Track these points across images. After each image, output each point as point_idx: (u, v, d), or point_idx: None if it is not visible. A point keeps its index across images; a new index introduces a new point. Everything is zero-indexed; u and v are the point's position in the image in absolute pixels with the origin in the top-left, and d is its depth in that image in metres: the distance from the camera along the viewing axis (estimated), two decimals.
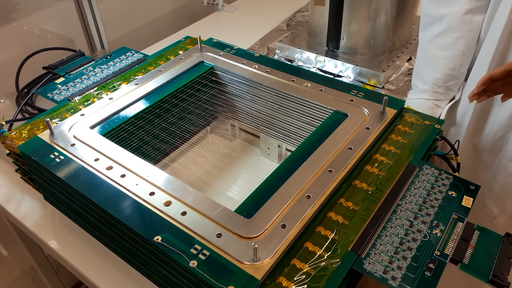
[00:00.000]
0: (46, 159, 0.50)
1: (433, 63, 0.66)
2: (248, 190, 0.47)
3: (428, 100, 0.67)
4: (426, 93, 0.67)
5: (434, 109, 0.67)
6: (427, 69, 0.67)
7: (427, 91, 0.67)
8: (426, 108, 0.67)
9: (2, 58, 0.89)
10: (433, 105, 0.67)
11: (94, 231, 0.52)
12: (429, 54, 0.67)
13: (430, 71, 0.67)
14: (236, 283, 0.36)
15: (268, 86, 0.62)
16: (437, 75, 0.66)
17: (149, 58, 0.72)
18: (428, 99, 0.67)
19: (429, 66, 0.67)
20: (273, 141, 0.66)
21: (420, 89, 0.68)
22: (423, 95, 0.68)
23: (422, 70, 0.68)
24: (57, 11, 0.96)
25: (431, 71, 0.66)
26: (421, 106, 0.67)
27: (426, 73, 0.67)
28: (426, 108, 0.67)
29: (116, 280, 0.50)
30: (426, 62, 0.67)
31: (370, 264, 0.39)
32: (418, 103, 0.68)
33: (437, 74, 0.66)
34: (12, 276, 1.12)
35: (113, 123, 0.57)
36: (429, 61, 0.67)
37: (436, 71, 0.66)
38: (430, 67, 0.67)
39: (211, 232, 0.41)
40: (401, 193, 0.46)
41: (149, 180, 0.46)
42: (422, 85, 0.68)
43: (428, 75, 0.67)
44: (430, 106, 0.67)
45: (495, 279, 0.38)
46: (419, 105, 0.68)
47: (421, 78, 0.68)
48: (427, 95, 0.67)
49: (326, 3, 0.85)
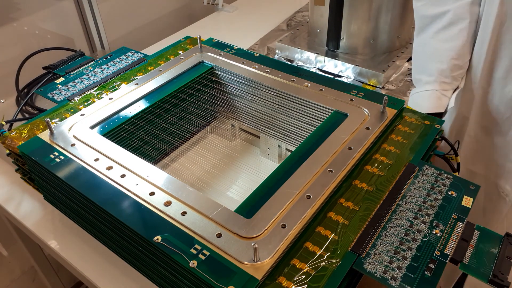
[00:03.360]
0: (46, 159, 0.50)
1: (437, 55, 0.67)
2: (248, 190, 0.47)
3: (436, 91, 0.67)
4: (433, 84, 0.67)
5: (441, 98, 0.67)
6: (431, 62, 0.68)
7: (434, 82, 0.67)
8: (433, 99, 0.67)
9: (2, 58, 0.89)
10: (440, 95, 0.67)
11: (94, 231, 0.52)
12: (431, 48, 0.67)
13: (435, 64, 0.67)
14: (236, 283, 0.36)
15: (268, 86, 0.62)
16: (443, 66, 0.66)
17: (149, 58, 0.72)
18: (436, 90, 0.67)
19: (434, 59, 0.67)
20: (273, 141, 0.66)
21: (426, 82, 0.69)
22: (430, 86, 0.68)
23: (425, 65, 0.69)
24: (57, 11, 0.96)
25: (436, 64, 0.67)
26: (429, 97, 0.67)
27: (431, 66, 0.68)
28: (433, 99, 0.67)
29: (116, 280, 0.50)
30: (430, 56, 0.68)
31: (370, 264, 0.39)
32: (426, 94, 0.68)
33: (443, 65, 0.66)
34: (12, 276, 1.12)
35: (113, 123, 0.57)
36: (433, 54, 0.67)
37: (441, 63, 0.66)
38: (434, 60, 0.67)
39: (211, 232, 0.41)
40: (401, 193, 0.46)
41: (149, 180, 0.46)
42: (427, 78, 0.68)
43: (433, 67, 0.67)
44: (437, 96, 0.67)
45: (495, 279, 0.38)
46: (426, 96, 0.68)
47: (425, 72, 0.69)
48: (435, 86, 0.67)
49: (326, 3, 0.85)
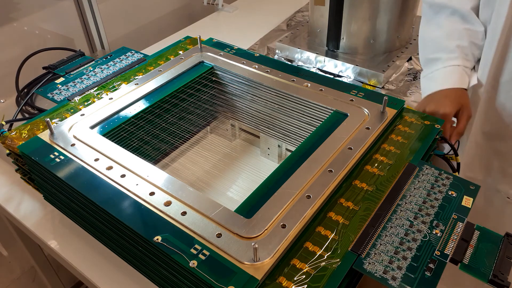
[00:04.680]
0: (46, 159, 0.50)
1: (456, 34, 0.66)
2: (248, 190, 0.47)
3: (459, 66, 0.66)
4: (456, 60, 0.66)
5: (464, 75, 0.65)
6: (451, 40, 0.66)
7: (455, 58, 0.66)
8: (457, 74, 0.65)
9: (2, 58, 0.89)
10: (463, 71, 0.65)
11: (94, 231, 0.52)
12: (449, 28, 0.66)
13: (455, 41, 0.66)
14: (236, 283, 0.36)
15: (268, 86, 0.62)
16: (464, 43, 0.65)
17: (149, 58, 0.72)
18: (458, 65, 0.66)
19: (453, 37, 0.66)
20: (273, 141, 0.66)
21: (447, 58, 0.66)
22: (452, 62, 0.66)
23: (443, 43, 0.67)
24: (57, 11, 0.96)
25: (456, 41, 0.66)
26: (452, 73, 0.65)
27: (451, 43, 0.66)
28: (457, 74, 0.65)
29: (116, 280, 0.50)
30: (448, 35, 0.67)
31: (370, 264, 0.39)
32: (448, 70, 0.66)
33: (464, 43, 0.65)
34: (12, 276, 1.12)
35: (113, 123, 0.57)
36: (452, 33, 0.66)
37: (461, 40, 0.65)
38: (454, 38, 0.66)
39: (211, 232, 0.41)
40: (401, 193, 0.46)
41: (149, 180, 0.46)
42: (448, 55, 0.66)
43: (453, 45, 0.66)
44: (460, 72, 0.65)
45: (495, 279, 0.38)
46: (450, 71, 0.66)
47: (445, 50, 0.67)
48: (457, 61, 0.66)
49: (326, 3, 0.85)
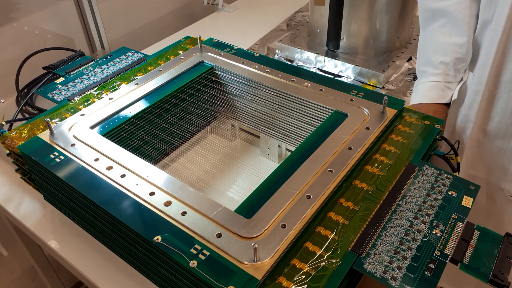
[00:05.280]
0: (46, 159, 0.50)
1: (442, 49, 0.69)
2: (248, 190, 0.47)
3: (440, 82, 0.70)
4: (438, 76, 0.70)
5: (445, 90, 0.70)
6: (436, 55, 0.70)
7: (438, 74, 0.70)
8: (437, 90, 0.70)
9: (2, 58, 0.89)
10: (444, 86, 0.70)
11: (94, 231, 0.52)
12: (436, 42, 0.70)
13: (439, 57, 0.70)
14: (236, 283, 0.36)
15: (268, 86, 0.62)
16: (447, 59, 0.69)
17: (149, 58, 0.72)
18: (439, 81, 0.70)
19: (438, 52, 0.70)
20: (273, 141, 0.66)
21: (431, 73, 0.71)
22: (434, 78, 0.71)
23: (431, 57, 0.71)
24: (57, 11, 0.96)
25: (441, 57, 0.69)
26: (433, 88, 0.70)
27: (436, 59, 0.70)
28: (437, 90, 0.70)
29: (116, 280, 0.50)
30: (435, 49, 0.70)
31: (370, 264, 0.39)
32: (429, 85, 0.71)
33: (447, 59, 0.69)
34: (12, 276, 1.12)
35: (113, 123, 0.57)
36: (438, 48, 0.70)
37: (445, 57, 0.69)
38: (439, 53, 0.70)
39: (211, 232, 0.41)
40: (401, 193, 0.46)
41: (149, 180, 0.46)
42: (433, 70, 0.71)
43: (437, 60, 0.70)
44: (441, 88, 0.70)
45: (495, 279, 0.38)
46: (430, 87, 0.70)
47: (431, 65, 0.71)
48: (439, 78, 0.70)
49: (326, 3, 0.85)
